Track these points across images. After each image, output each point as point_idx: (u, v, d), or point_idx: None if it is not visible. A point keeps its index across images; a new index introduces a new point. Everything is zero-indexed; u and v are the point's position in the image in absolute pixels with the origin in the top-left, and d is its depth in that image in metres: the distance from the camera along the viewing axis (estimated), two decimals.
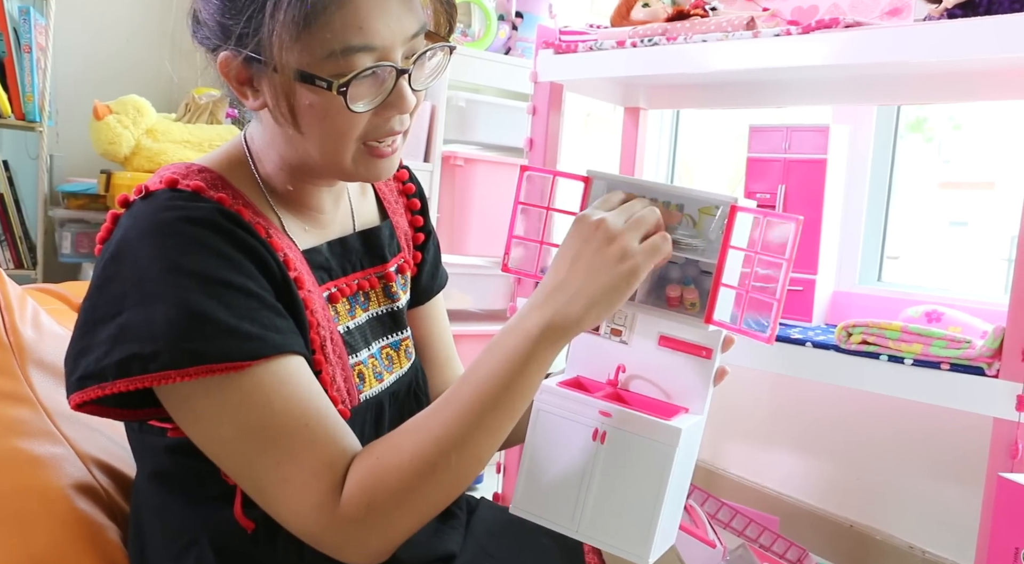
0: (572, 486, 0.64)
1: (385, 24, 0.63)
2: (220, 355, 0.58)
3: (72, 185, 2.13)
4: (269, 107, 0.66)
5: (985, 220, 1.83)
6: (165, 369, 0.58)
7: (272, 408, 0.60)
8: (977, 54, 1.08)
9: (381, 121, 0.67)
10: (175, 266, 0.60)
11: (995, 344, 1.09)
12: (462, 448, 0.61)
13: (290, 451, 0.60)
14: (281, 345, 0.61)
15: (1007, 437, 1.07)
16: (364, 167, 0.69)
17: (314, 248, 0.73)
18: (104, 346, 0.60)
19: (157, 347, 0.58)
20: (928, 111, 1.85)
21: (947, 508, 1.60)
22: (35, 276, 2.06)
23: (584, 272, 0.61)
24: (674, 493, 0.63)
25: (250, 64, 0.65)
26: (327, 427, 0.62)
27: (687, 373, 0.66)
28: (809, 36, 1.23)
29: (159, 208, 0.63)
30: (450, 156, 2.19)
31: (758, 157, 1.50)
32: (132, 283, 0.60)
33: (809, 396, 1.86)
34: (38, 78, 2.00)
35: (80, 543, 0.72)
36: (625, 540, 0.62)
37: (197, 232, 0.61)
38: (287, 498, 0.61)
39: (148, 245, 0.61)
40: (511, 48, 2.31)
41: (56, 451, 0.77)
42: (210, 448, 0.62)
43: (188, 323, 0.58)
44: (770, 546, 1.63)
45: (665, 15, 1.51)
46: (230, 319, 0.59)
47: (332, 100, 0.63)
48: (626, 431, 0.62)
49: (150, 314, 0.59)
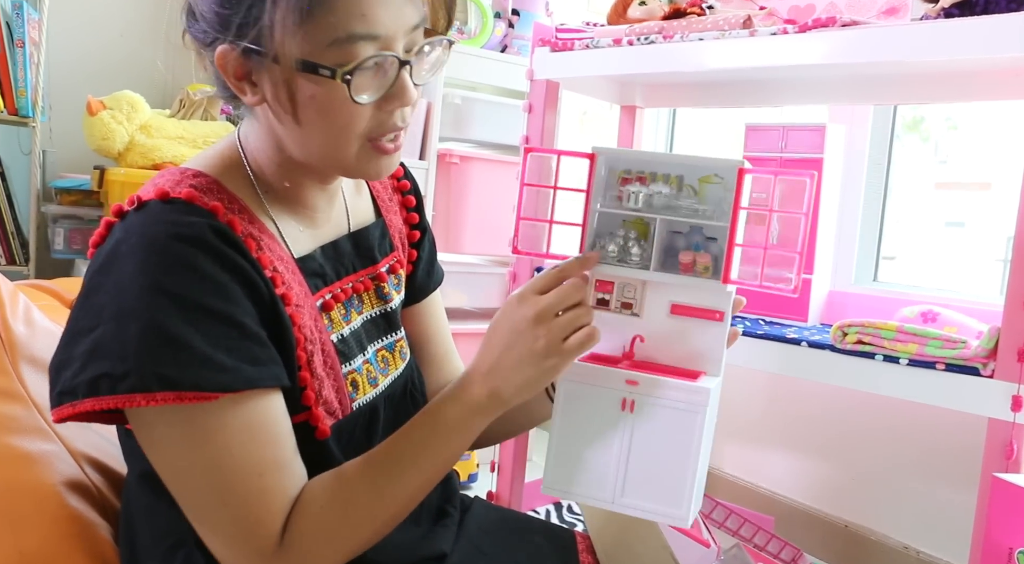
0: (605, 458, 0.66)
1: (387, 13, 0.62)
2: (190, 383, 0.58)
3: (65, 181, 2.12)
4: (268, 102, 0.65)
5: (981, 221, 1.83)
6: (133, 392, 0.57)
7: (231, 451, 0.61)
8: (974, 54, 1.08)
9: (384, 116, 0.66)
10: (156, 286, 0.59)
11: (990, 344, 1.09)
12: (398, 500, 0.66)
13: (240, 497, 0.61)
14: (254, 380, 0.61)
15: (1002, 437, 1.07)
16: (367, 164, 0.68)
17: (308, 255, 0.72)
18: (79, 361, 0.60)
19: (127, 368, 0.57)
20: (925, 111, 1.85)
21: (942, 508, 1.60)
22: (27, 272, 2.05)
23: (515, 362, 0.66)
24: (704, 454, 0.66)
25: (249, 57, 0.63)
26: (281, 477, 0.63)
27: (701, 338, 0.68)
28: (806, 35, 1.23)
29: (150, 222, 0.62)
30: (446, 154, 2.19)
31: (754, 156, 1.49)
32: (112, 296, 0.60)
33: (804, 396, 1.86)
34: (31, 73, 1.98)
35: (71, 540, 0.72)
36: (665, 504, 0.64)
37: (184, 251, 0.60)
38: (228, 540, 0.62)
39: (134, 260, 0.60)
40: (507, 46, 2.30)
41: (48, 448, 0.76)
42: (163, 473, 0.63)
43: (161, 347, 0.58)
44: (764, 546, 1.63)
45: (662, 13, 1.51)
46: (205, 348, 0.58)
47: (335, 90, 0.62)
48: (655, 397, 0.65)
49: (124, 332, 0.58)
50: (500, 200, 2.18)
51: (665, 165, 0.69)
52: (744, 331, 1.35)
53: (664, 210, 0.68)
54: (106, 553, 0.74)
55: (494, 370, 0.66)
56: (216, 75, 0.68)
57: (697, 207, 0.68)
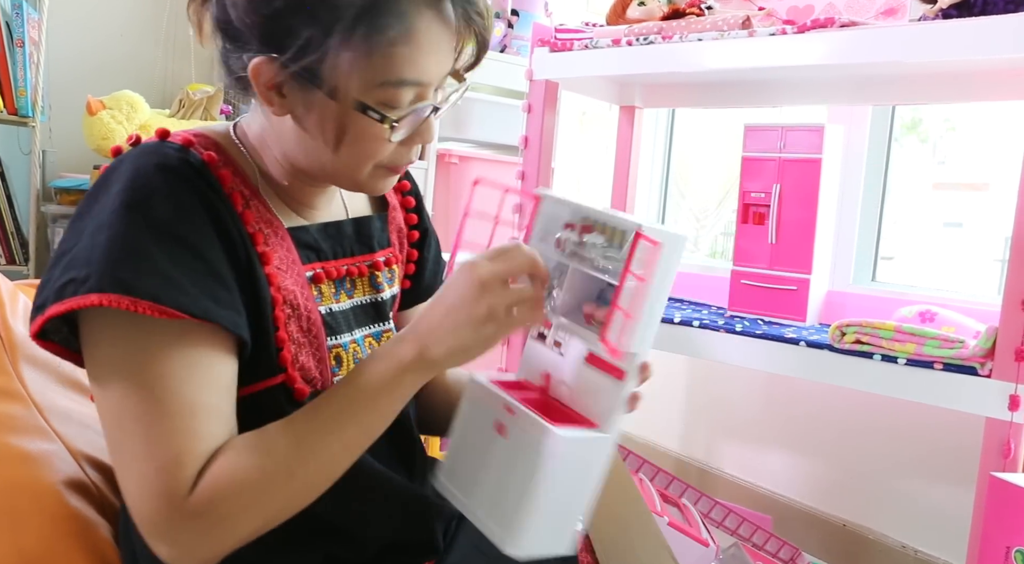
0: (475, 470, 0.69)
1: (435, 62, 0.66)
2: (148, 293, 0.57)
3: (65, 181, 2.12)
4: (298, 119, 0.67)
5: (979, 221, 1.83)
6: (90, 292, 0.57)
7: (167, 382, 0.59)
8: (972, 54, 1.08)
9: (404, 150, 0.70)
10: (134, 205, 0.60)
11: (988, 344, 1.09)
12: (319, 459, 0.62)
13: (164, 432, 0.58)
14: (211, 313, 0.60)
15: (999, 437, 1.07)
16: (374, 182, 0.71)
17: (302, 227, 0.73)
18: (56, 275, 0.60)
19: (90, 271, 0.58)
20: (923, 112, 1.86)
21: (940, 507, 1.60)
22: (27, 272, 2.05)
23: (452, 324, 0.64)
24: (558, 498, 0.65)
25: (291, 77, 0.64)
26: (211, 425, 0.60)
27: (602, 391, 0.68)
28: (804, 36, 1.23)
29: (141, 153, 0.64)
30: (445, 154, 2.19)
31: (753, 156, 1.50)
32: (93, 217, 0.61)
33: (803, 395, 1.86)
34: (31, 73, 1.99)
35: (71, 539, 0.72)
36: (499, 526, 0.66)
37: (168, 182, 0.61)
38: (138, 477, 0.59)
39: (119, 186, 0.61)
40: (507, 46, 2.30)
41: (47, 447, 0.76)
42: (96, 397, 0.61)
43: (126, 255, 0.58)
44: (763, 545, 1.63)
45: (661, 14, 1.51)
46: (170, 268, 0.59)
47: (374, 128, 0.66)
48: (520, 429, 0.66)
49: (94, 242, 0.59)
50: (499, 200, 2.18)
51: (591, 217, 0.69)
52: (742, 330, 1.35)
53: (585, 260, 0.69)
54: (105, 552, 0.74)
55: (431, 330, 0.64)
56: (226, 67, 0.68)
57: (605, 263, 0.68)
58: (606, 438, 0.66)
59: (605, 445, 0.67)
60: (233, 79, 0.68)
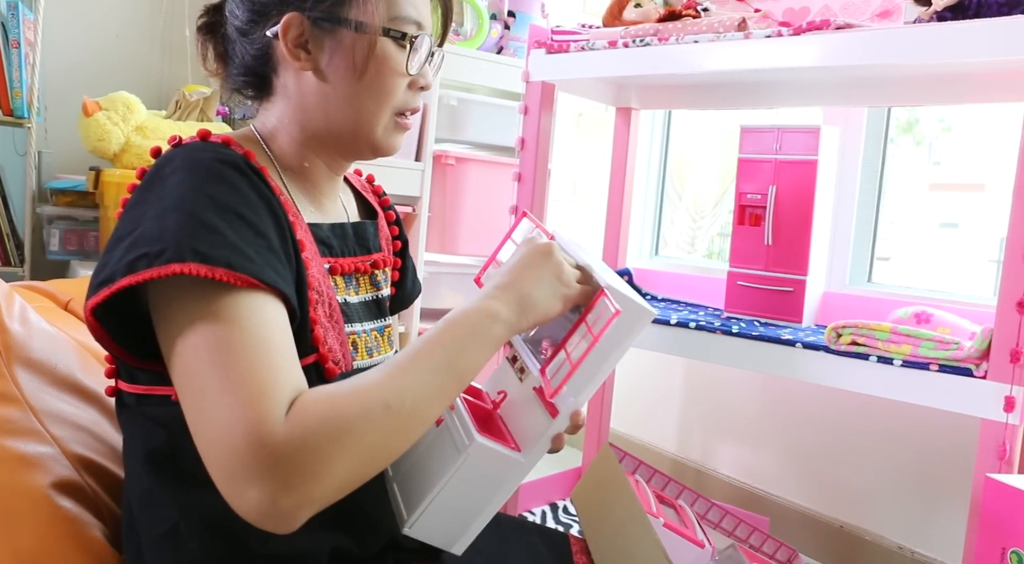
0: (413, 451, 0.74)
1: (427, 10, 0.78)
2: (223, 261, 0.60)
3: (61, 182, 2.12)
4: (322, 68, 0.74)
5: (975, 222, 1.84)
6: (168, 262, 0.59)
7: (245, 331, 0.60)
8: (966, 57, 1.08)
9: (411, 95, 0.78)
10: (197, 188, 0.64)
11: (983, 345, 1.10)
12: (415, 397, 0.62)
13: (247, 368, 0.58)
14: (276, 282, 0.63)
15: (995, 438, 1.07)
16: (390, 137, 0.78)
17: (317, 224, 0.78)
18: (119, 255, 0.62)
19: (164, 245, 0.60)
20: (919, 113, 1.86)
21: (936, 508, 1.61)
22: (22, 273, 2.04)
23: (533, 282, 0.72)
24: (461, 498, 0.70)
25: (317, 25, 0.73)
26: (288, 364, 0.61)
27: (535, 422, 0.73)
28: (800, 38, 1.23)
29: (194, 149, 0.68)
30: (441, 155, 2.19)
31: (749, 158, 1.50)
32: (154, 203, 0.63)
33: (799, 397, 1.86)
34: (26, 74, 1.98)
35: (66, 542, 0.72)
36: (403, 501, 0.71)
37: (226, 171, 0.66)
38: (224, 417, 0.56)
39: (177, 176, 0.65)
40: (503, 47, 2.30)
41: (43, 450, 0.76)
42: (170, 352, 0.61)
43: (198, 229, 0.61)
44: (760, 546, 1.63)
45: (657, 15, 1.52)
46: (237, 241, 0.62)
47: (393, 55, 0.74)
48: (453, 425, 0.71)
49: (163, 222, 0.62)
50: (495, 202, 2.18)
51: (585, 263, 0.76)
52: (739, 332, 1.35)
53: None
54: (101, 554, 0.74)
55: (511, 287, 0.71)
56: (243, 59, 0.76)
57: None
58: (520, 461, 0.71)
59: (518, 467, 0.72)
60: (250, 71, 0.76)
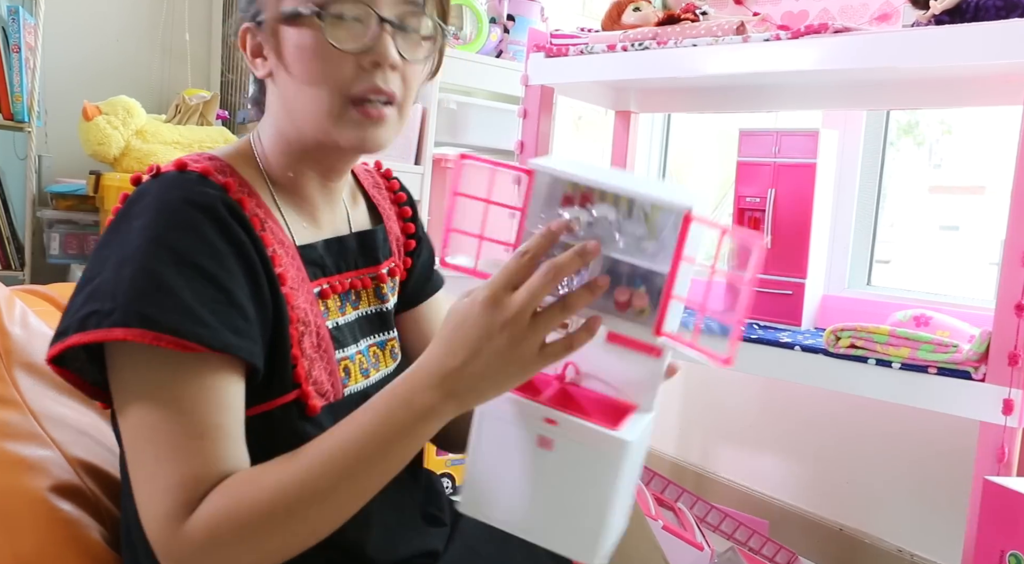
0: (521, 489, 0.63)
1: None
2: (170, 327, 0.59)
3: (61, 186, 2.12)
4: (273, 70, 0.71)
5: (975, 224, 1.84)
6: (114, 326, 0.59)
7: (180, 405, 0.60)
8: (964, 60, 1.09)
9: (364, 73, 0.68)
10: (158, 239, 0.62)
11: (982, 348, 1.10)
12: (323, 503, 0.60)
13: (171, 452, 0.60)
14: (230, 345, 0.61)
15: (994, 441, 1.07)
16: (346, 130, 0.69)
17: (310, 244, 0.75)
18: (78, 304, 0.62)
19: (115, 304, 0.60)
20: (919, 115, 1.86)
21: (935, 511, 1.61)
22: (23, 277, 2.04)
23: (483, 368, 0.58)
24: (623, 494, 0.63)
25: (258, 29, 0.71)
26: (217, 447, 0.61)
27: (636, 369, 0.64)
28: (799, 41, 1.24)
29: (166, 186, 0.65)
30: (441, 159, 2.19)
31: (748, 161, 1.50)
32: (117, 248, 0.63)
33: (798, 400, 1.86)
34: (27, 78, 1.98)
35: (66, 545, 0.72)
36: (576, 544, 0.61)
37: (192, 215, 0.63)
38: (148, 496, 0.60)
39: (144, 218, 0.63)
40: (502, 51, 2.31)
41: (43, 454, 0.76)
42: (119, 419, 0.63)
43: (150, 290, 0.60)
44: (759, 549, 1.63)
45: (656, 19, 1.52)
46: (192, 301, 0.60)
47: (316, 37, 0.67)
48: (572, 440, 0.60)
49: (120, 274, 0.61)
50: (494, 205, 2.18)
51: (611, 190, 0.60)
52: None
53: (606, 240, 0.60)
54: (100, 556, 0.74)
55: (455, 375, 0.59)
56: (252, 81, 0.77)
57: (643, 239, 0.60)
58: (652, 416, 0.64)
59: (651, 424, 0.64)
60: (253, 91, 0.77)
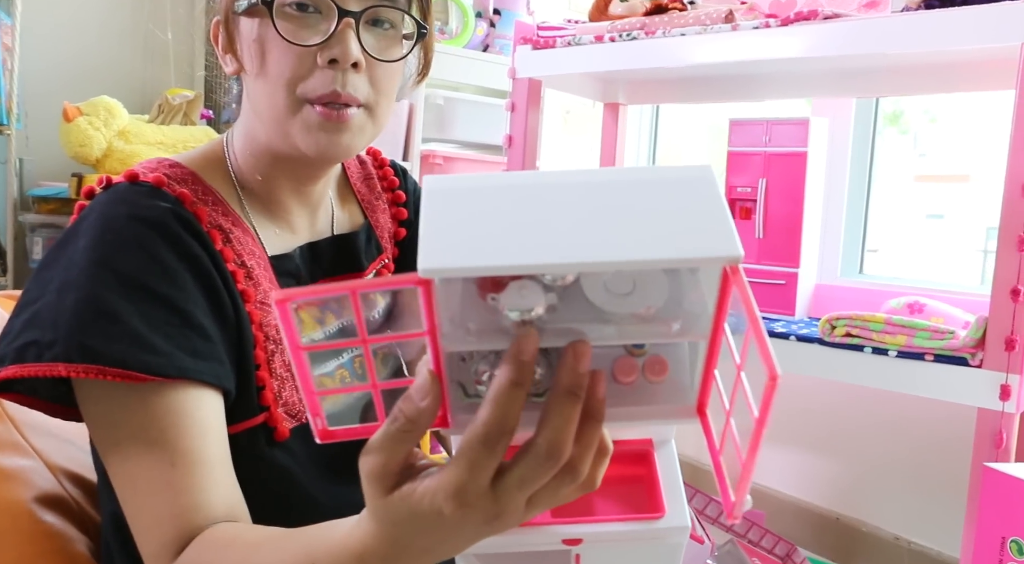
0: None
1: None
2: (115, 360, 0.55)
3: (43, 189, 2.09)
4: (240, 65, 0.68)
5: (960, 212, 1.84)
6: (55, 361, 0.55)
7: (148, 436, 0.56)
8: (954, 45, 1.08)
9: (321, 72, 0.63)
10: (103, 261, 0.57)
11: (978, 334, 1.09)
12: None
13: (147, 486, 0.56)
14: (188, 370, 0.57)
15: (991, 427, 1.07)
16: (306, 132, 0.64)
17: (285, 254, 0.71)
18: (16, 329, 0.58)
19: (56, 336, 0.55)
20: (904, 104, 1.86)
21: (933, 499, 1.61)
22: (5, 282, 2.01)
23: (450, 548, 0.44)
24: None
25: (230, 28, 0.68)
26: (194, 474, 0.56)
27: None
28: (787, 28, 1.23)
29: (112, 201, 0.61)
30: (429, 155, 2.17)
31: (738, 151, 1.49)
32: (61, 270, 0.59)
33: (794, 390, 1.86)
34: (5, 80, 1.95)
35: (49, 555, 0.70)
36: None
37: (140, 232, 0.59)
38: (137, 534, 0.58)
39: (89, 237, 0.59)
40: (489, 45, 2.29)
41: (24, 463, 0.74)
42: (94, 444, 0.61)
43: (93, 319, 0.56)
44: (759, 541, 1.63)
45: (643, 9, 1.51)
46: (141, 327, 0.56)
47: (268, 28, 0.64)
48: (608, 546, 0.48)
49: (62, 301, 0.57)
50: None
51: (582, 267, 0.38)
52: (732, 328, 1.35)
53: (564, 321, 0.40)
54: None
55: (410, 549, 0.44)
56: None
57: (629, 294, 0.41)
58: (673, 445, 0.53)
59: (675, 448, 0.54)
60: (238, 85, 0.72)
